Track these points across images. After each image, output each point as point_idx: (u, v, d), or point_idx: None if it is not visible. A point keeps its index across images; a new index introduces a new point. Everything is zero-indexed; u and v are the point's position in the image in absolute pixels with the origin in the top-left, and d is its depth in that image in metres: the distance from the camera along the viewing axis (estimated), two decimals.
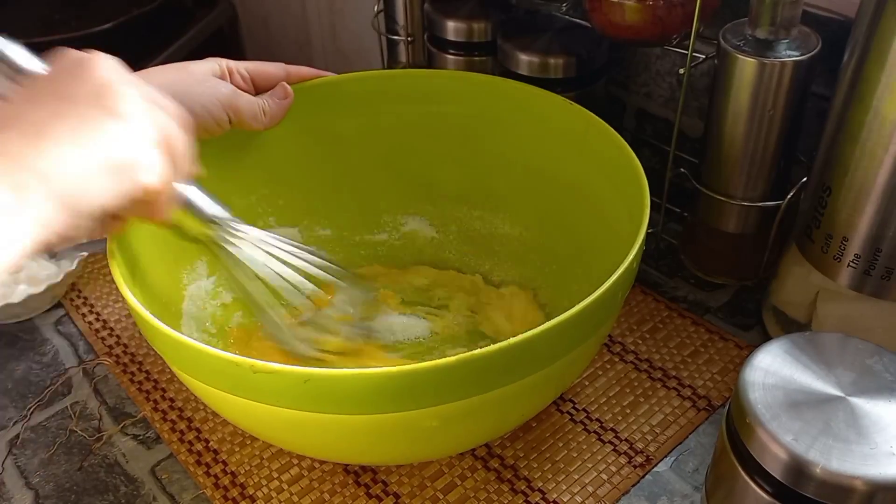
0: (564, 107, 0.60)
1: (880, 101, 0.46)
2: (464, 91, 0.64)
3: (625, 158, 0.54)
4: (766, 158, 0.59)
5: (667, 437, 0.55)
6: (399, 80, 0.67)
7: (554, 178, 0.62)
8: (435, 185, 0.68)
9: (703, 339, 0.62)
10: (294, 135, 0.63)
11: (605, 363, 0.61)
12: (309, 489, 0.53)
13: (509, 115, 0.63)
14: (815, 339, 0.42)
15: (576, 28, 0.69)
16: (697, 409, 0.57)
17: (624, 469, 0.54)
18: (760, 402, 0.39)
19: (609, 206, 0.57)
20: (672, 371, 0.60)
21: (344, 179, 0.68)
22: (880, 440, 0.37)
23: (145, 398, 0.60)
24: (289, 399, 0.42)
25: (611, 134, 0.56)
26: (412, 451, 0.51)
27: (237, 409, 0.46)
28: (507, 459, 0.54)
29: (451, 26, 0.74)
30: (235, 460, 0.55)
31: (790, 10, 0.54)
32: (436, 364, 0.40)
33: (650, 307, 0.66)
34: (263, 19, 1.23)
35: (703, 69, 0.69)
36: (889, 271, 0.51)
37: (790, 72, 0.55)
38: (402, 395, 0.41)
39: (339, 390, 0.41)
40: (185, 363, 0.45)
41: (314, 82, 0.63)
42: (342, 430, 0.45)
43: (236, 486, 0.54)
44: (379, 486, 0.53)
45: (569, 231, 0.62)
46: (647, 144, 0.79)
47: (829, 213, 0.52)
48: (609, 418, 0.57)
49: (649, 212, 0.49)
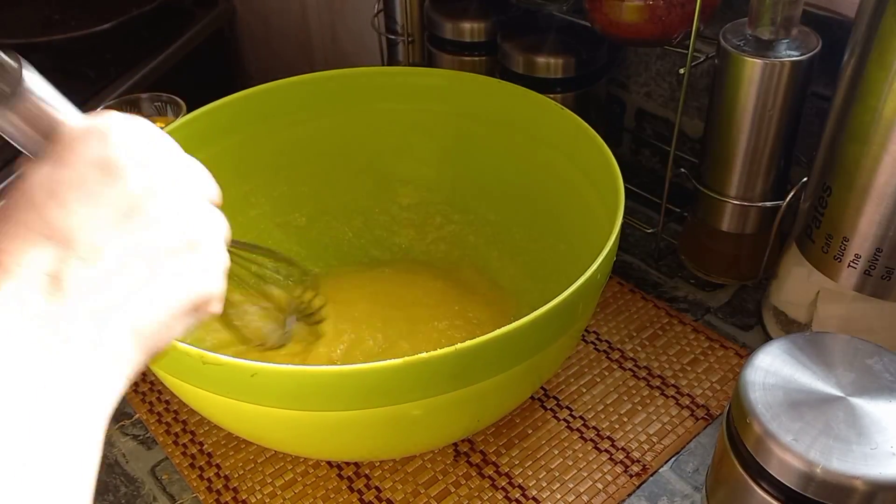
0: (551, 108, 0.60)
1: (880, 101, 0.46)
2: (447, 89, 0.65)
3: (603, 158, 0.54)
4: (765, 158, 0.59)
5: (664, 447, 0.55)
6: (381, 79, 0.67)
7: (538, 177, 0.63)
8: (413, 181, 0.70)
9: (703, 347, 0.62)
10: (287, 127, 0.64)
11: (603, 370, 0.60)
12: (302, 494, 0.53)
13: (495, 115, 0.64)
14: (815, 340, 0.42)
15: (576, 28, 0.69)
16: (696, 419, 0.56)
17: (620, 478, 0.53)
18: (761, 402, 0.39)
19: (590, 202, 0.57)
20: (671, 379, 0.60)
21: (324, 175, 0.68)
22: (880, 440, 0.37)
23: (141, 400, 0.60)
24: (237, 392, 0.43)
25: (592, 135, 0.57)
26: (368, 449, 0.51)
27: (192, 397, 0.47)
28: (502, 467, 0.54)
29: (451, 26, 0.74)
30: (229, 464, 0.55)
31: (790, 10, 0.54)
32: (386, 365, 0.40)
33: (650, 313, 0.65)
34: (263, 19, 1.23)
35: (703, 69, 0.69)
36: (889, 271, 0.51)
37: (790, 71, 0.55)
38: (355, 394, 0.42)
39: (284, 386, 0.42)
40: None
41: (300, 79, 0.63)
42: (294, 425, 0.46)
43: (229, 490, 0.53)
44: (372, 493, 0.53)
45: (551, 224, 0.63)
46: (647, 144, 0.79)
47: (830, 213, 0.52)
48: (606, 426, 0.56)
49: (623, 206, 0.50)
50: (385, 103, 0.66)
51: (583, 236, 0.57)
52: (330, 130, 0.67)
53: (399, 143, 0.68)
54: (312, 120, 0.66)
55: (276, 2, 1.18)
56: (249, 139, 0.64)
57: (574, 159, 0.59)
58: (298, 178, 0.68)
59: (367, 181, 0.69)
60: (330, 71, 0.65)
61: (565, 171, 0.60)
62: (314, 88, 0.65)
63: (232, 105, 0.62)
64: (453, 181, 0.68)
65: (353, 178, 0.69)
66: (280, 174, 0.67)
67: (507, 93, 0.62)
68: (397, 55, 0.84)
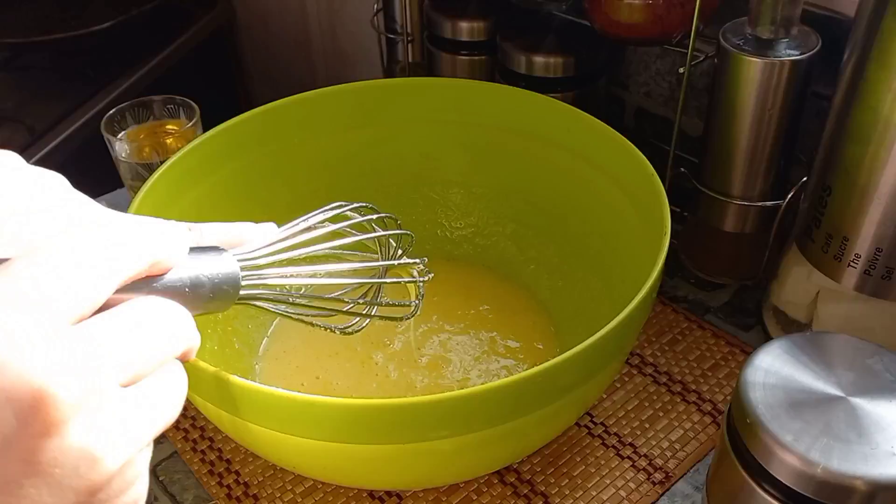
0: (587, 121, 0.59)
1: (880, 101, 0.46)
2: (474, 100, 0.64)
3: (650, 185, 0.52)
4: (765, 158, 0.59)
5: (686, 454, 0.54)
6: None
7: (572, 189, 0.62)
8: None
9: (724, 352, 0.61)
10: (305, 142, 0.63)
11: (623, 375, 0.60)
12: (323, 502, 0.53)
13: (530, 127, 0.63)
14: (815, 339, 0.42)
15: (576, 28, 0.69)
16: (718, 426, 0.56)
17: (643, 486, 0.52)
18: (761, 402, 0.39)
19: (623, 215, 0.57)
20: (692, 385, 0.59)
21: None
22: (881, 440, 0.37)
23: None
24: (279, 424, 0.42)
25: (628, 147, 0.56)
26: (416, 479, 0.50)
27: (226, 423, 0.46)
28: (524, 474, 0.54)
29: (451, 26, 0.74)
30: (248, 471, 0.55)
31: (790, 9, 0.54)
32: (448, 396, 0.39)
33: (669, 318, 0.64)
34: (263, 19, 1.23)
35: (702, 68, 0.69)
36: (889, 271, 0.51)
37: (790, 71, 0.55)
38: (408, 428, 0.41)
39: (316, 417, 0.41)
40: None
41: (311, 95, 0.62)
42: (326, 456, 0.44)
43: (249, 497, 0.53)
44: (394, 500, 0.53)
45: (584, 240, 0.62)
46: (647, 144, 0.79)
47: (830, 213, 0.52)
48: (628, 433, 0.56)
49: (669, 226, 0.48)
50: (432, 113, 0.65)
51: (618, 252, 0.57)
52: (372, 143, 0.65)
53: (439, 153, 0.67)
54: (348, 131, 0.65)
55: (275, 2, 1.18)
56: (263, 158, 0.63)
57: (620, 183, 0.57)
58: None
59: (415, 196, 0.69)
60: (370, 81, 0.64)
61: (609, 192, 0.58)
62: (360, 97, 0.63)
63: (254, 119, 0.61)
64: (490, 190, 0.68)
65: (398, 192, 0.68)
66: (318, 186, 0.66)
67: (539, 105, 0.61)
68: (397, 54, 0.84)
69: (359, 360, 0.60)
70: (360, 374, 0.59)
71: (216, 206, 0.59)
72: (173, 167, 0.55)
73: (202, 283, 0.31)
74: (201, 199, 0.58)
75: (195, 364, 0.41)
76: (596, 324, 0.43)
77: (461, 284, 0.67)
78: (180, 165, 0.56)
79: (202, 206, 0.58)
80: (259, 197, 0.62)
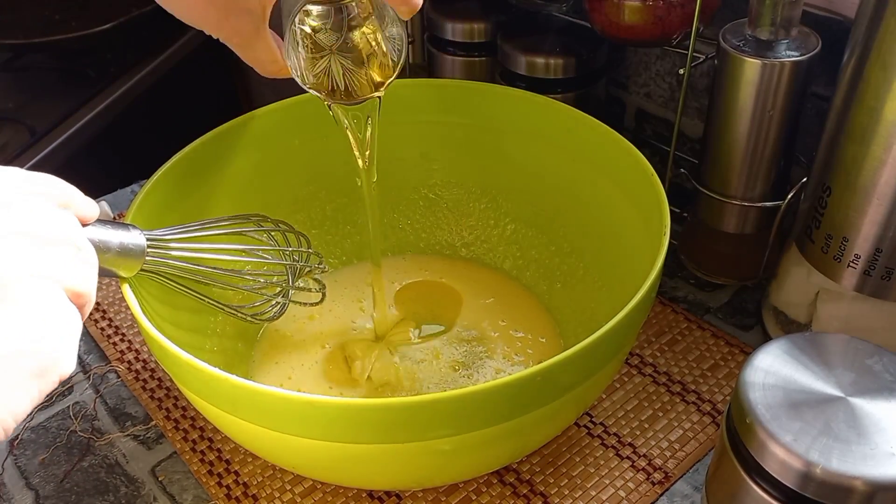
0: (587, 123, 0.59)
1: (880, 102, 0.46)
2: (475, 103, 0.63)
3: (652, 191, 0.52)
4: (765, 158, 0.59)
5: (686, 454, 0.54)
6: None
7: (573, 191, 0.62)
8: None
9: (724, 353, 0.61)
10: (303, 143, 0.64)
11: (622, 375, 0.60)
12: (322, 502, 0.53)
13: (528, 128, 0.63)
14: (815, 340, 0.42)
15: (576, 28, 0.69)
16: (717, 426, 0.56)
17: (642, 486, 0.52)
18: (760, 403, 0.39)
19: (622, 215, 0.56)
20: (691, 385, 0.59)
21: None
22: (880, 440, 0.37)
23: (157, 406, 0.60)
24: (278, 424, 0.42)
25: (625, 145, 0.55)
26: (415, 479, 0.50)
27: (222, 421, 0.46)
28: (524, 474, 0.54)
29: (451, 26, 0.75)
30: (248, 471, 0.55)
31: (790, 11, 0.54)
32: (443, 396, 0.39)
33: (668, 318, 0.64)
34: None
35: (703, 69, 0.69)
36: (889, 271, 0.51)
37: (790, 72, 0.55)
38: (397, 428, 0.41)
39: (311, 415, 0.41)
40: (185, 380, 0.45)
41: (312, 96, 0.62)
42: (326, 455, 0.44)
43: (248, 498, 0.53)
44: (393, 500, 0.53)
45: (582, 238, 0.62)
46: (647, 144, 0.79)
47: (829, 213, 0.52)
48: (627, 433, 0.56)
49: (668, 226, 0.48)
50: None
51: (618, 252, 0.57)
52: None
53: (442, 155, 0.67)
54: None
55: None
56: (264, 159, 0.63)
57: (620, 184, 0.57)
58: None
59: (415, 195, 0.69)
60: None
61: (609, 192, 0.58)
62: None
63: (258, 119, 0.61)
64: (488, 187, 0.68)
65: (398, 192, 0.68)
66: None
67: (543, 107, 0.61)
68: None
69: (357, 360, 0.60)
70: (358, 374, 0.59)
71: (217, 206, 0.59)
72: (174, 167, 0.55)
73: (110, 239, 0.42)
74: (201, 200, 0.58)
75: (195, 364, 0.41)
76: (595, 323, 0.43)
77: (461, 284, 0.67)
78: (181, 167, 0.56)
79: (203, 208, 0.58)
80: (260, 198, 0.62)
